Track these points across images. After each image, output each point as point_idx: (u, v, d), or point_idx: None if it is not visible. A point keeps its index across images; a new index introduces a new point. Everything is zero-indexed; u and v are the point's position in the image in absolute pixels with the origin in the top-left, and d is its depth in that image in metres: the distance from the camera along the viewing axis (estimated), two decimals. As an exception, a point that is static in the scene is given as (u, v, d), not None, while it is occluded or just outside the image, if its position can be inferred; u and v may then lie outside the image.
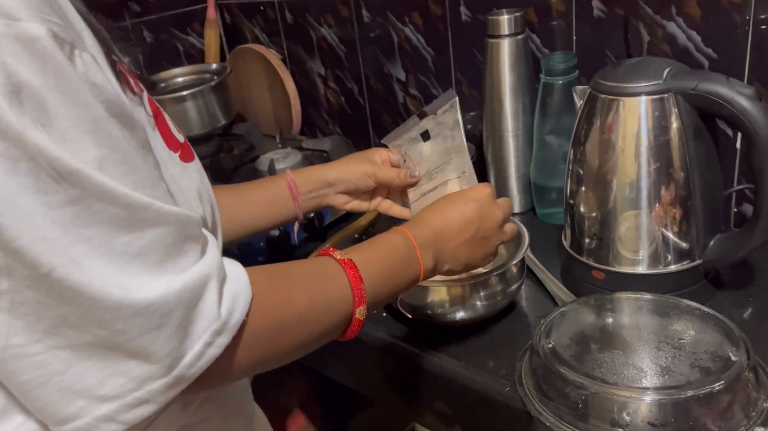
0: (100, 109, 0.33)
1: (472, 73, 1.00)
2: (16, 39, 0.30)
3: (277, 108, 1.32)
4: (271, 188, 0.70)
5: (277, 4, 1.23)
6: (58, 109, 0.31)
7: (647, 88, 0.62)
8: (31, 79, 0.30)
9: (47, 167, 0.31)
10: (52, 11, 0.33)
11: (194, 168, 0.46)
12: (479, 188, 0.61)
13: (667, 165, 0.63)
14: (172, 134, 0.46)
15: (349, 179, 0.69)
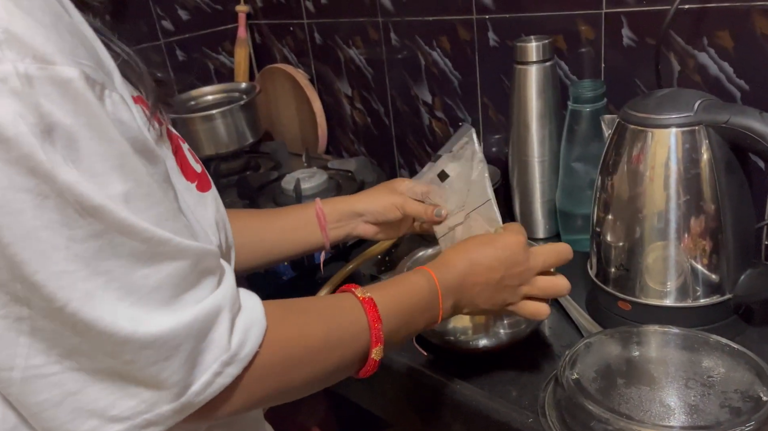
0: (125, 145, 0.35)
1: (499, 98, 1.00)
2: (51, 81, 0.31)
3: (303, 127, 1.34)
4: (299, 216, 0.71)
5: (307, 26, 1.25)
6: (87, 146, 0.33)
7: (678, 120, 0.61)
8: (63, 118, 0.32)
9: (74, 203, 0.32)
10: (85, 54, 0.34)
11: (210, 197, 0.47)
12: (511, 235, 0.60)
13: (698, 198, 0.63)
14: (190, 164, 0.47)
15: (378, 211, 0.70)
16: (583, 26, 0.85)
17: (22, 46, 0.31)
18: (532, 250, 0.60)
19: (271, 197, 1.08)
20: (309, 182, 1.05)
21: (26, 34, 0.31)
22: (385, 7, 1.08)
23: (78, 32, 0.36)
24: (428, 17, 1.03)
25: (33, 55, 0.31)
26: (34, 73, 0.31)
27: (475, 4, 0.95)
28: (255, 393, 0.41)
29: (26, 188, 0.31)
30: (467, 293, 0.57)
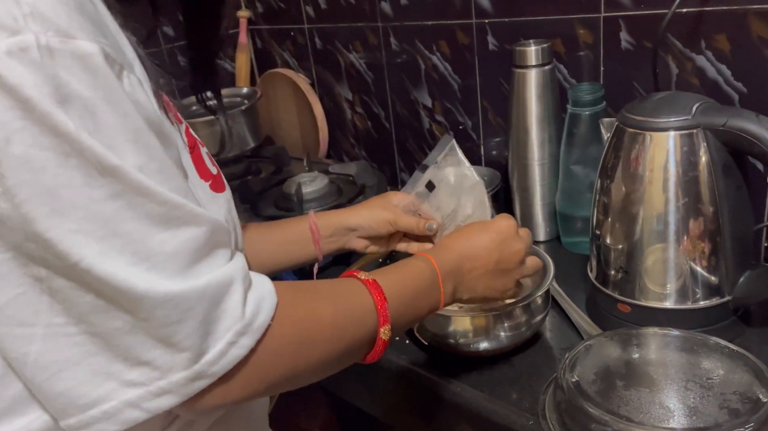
0: (140, 121, 0.36)
1: (498, 101, 1.00)
2: (71, 54, 0.33)
3: (304, 131, 1.35)
4: (293, 230, 0.72)
5: (307, 30, 1.26)
6: (104, 117, 0.34)
7: (676, 123, 0.62)
8: (81, 90, 0.33)
9: (95, 163, 0.33)
10: (105, 37, 0.35)
11: (224, 199, 0.48)
12: (503, 220, 0.61)
13: (696, 200, 0.63)
14: (205, 164, 0.47)
15: (370, 226, 0.71)
16: (582, 30, 0.86)
17: (45, 20, 0.32)
18: (520, 233, 0.62)
19: (272, 201, 1.08)
20: (310, 186, 1.06)
21: (51, 11, 0.32)
22: (384, 12, 1.09)
23: (101, 22, 0.37)
24: (427, 22, 1.04)
25: (56, 29, 0.32)
26: (56, 45, 0.32)
27: (474, 9, 0.96)
28: (269, 372, 0.41)
29: (50, 146, 0.32)
30: (466, 278, 0.58)
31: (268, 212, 1.04)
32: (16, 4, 0.32)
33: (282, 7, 1.28)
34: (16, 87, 0.31)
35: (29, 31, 0.31)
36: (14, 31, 0.31)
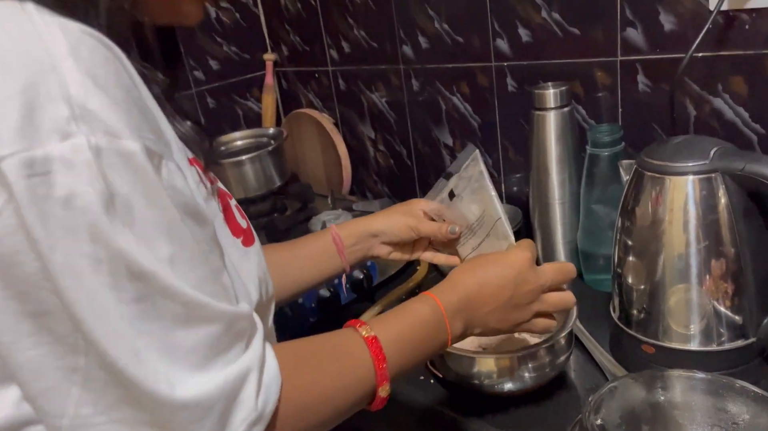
0: (175, 212, 0.38)
1: (518, 139, 1.03)
2: (117, 153, 0.35)
3: (328, 168, 1.38)
4: (317, 244, 0.73)
5: (331, 72, 1.30)
6: (141, 212, 0.36)
7: (694, 168, 0.63)
8: (123, 187, 0.35)
9: (124, 267, 0.35)
10: (148, 126, 0.38)
11: (254, 251, 0.50)
12: (518, 253, 0.60)
13: (717, 243, 0.64)
14: (237, 221, 0.50)
15: (393, 232, 0.72)
16: (600, 73, 0.88)
17: (95, 120, 0.34)
18: (540, 268, 0.60)
19: (298, 238, 1.11)
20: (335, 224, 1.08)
21: (99, 110, 0.34)
22: (406, 55, 1.13)
23: (143, 106, 0.39)
24: (448, 64, 1.07)
25: (104, 130, 0.34)
26: (104, 145, 0.34)
27: (493, 52, 0.99)
28: None
29: (86, 252, 0.34)
30: (477, 314, 0.58)
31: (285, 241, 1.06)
32: (68, 106, 0.33)
33: (307, 50, 1.33)
34: (66, 196, 0.33)
35: (80, 134, 0.33)
36: (66, 134, 0.33)
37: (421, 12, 1.07)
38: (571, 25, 0.88)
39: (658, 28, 0.79)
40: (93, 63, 0.35)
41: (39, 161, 0.33)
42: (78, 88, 0.34)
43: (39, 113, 0.33)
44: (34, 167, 0.33)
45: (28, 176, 0.33)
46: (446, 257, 0.74)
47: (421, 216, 0.72)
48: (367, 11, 1.16)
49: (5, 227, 0.33)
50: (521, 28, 0.94)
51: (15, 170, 0.32)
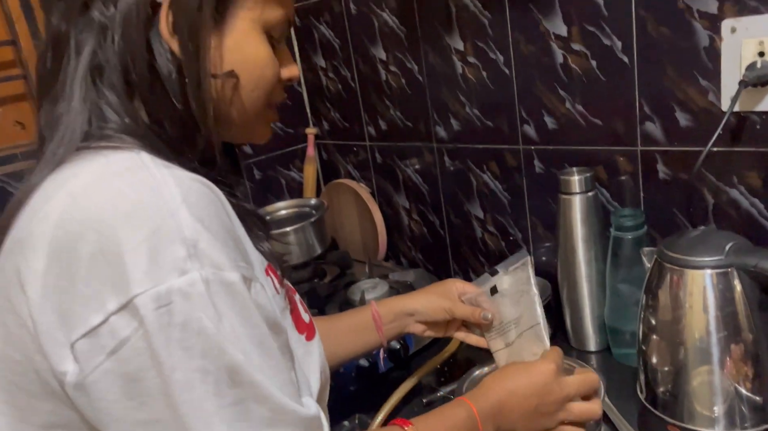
0: (264, 326, 0.46)
1: (546, 217, 1.09)
2: (221, 283, 0.43)
3: (365, 235, 1.46)
4: (357, 319, 0.81)
5: (369, 147, 1.40)
6: (239, 329, 0.43)
7: (710, 262, 0.68)
8: (226, 310, 0.43)
9: (227, 377, 0.42)
10: (240, 256, 0.46)
11: (315, 344, 0.58)
12: (545, 364, 0.67)
13: (735, 332, 0.68)
14: (301, 316, 0.57)
15: (428, 312, 0.79)
16: (622, 160, 0.94)
17: (204, 257, 0.42)
18: (565, 379, 0.66)
19: (338, 305, 1.18)
20: (372, 292, 1.15)
21: (207, 248, 0.42)
22: (439, 135, 1.21)
23: (235, 235, 0.47)
24: (478, 145, 1.15)
25: (210, 264, 0.42)
26: (211, 277, 0.42)
27: (521, 137, 1.07)
28: None
29: (198, 367, 0.41)
30: (506, 420, 0.64)
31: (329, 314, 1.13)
32: (185, 247, 0.41)
33: (346, 126, 1.43)
34: (185, 322, 0.40)
35: (194, 270, 0.41)
36: (183, 271, 0.41)
37: (453, 98, 1.15)
38: (593, 116, 0.96)
39: (674, 124, 0.86)
40: (200, 207, 0.44)
41: (163, 295, 0.40)
42: (191, 231, 0.42)
43: (161, 255, 0.41)
44: (159, 300, 0.40)
45: (155, 308, 0.40)
46: (477, 338, 0.80)
47: (456, 298, 0.79)
48: (402, 94, 1.26)
49: (134, 350, 0.41)
50: (547, 116, 1.02)
51: (145, 304, 0.40)
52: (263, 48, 0.54)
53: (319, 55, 1.43)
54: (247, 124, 0.56)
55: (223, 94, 0.52)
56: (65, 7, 0.49)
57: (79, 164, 0.46)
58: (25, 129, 1.22)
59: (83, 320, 0.41)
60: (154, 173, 0.44)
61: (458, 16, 1.09)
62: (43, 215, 0.44)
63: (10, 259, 0.45)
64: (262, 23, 0.53)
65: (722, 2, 0.78)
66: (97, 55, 0.49)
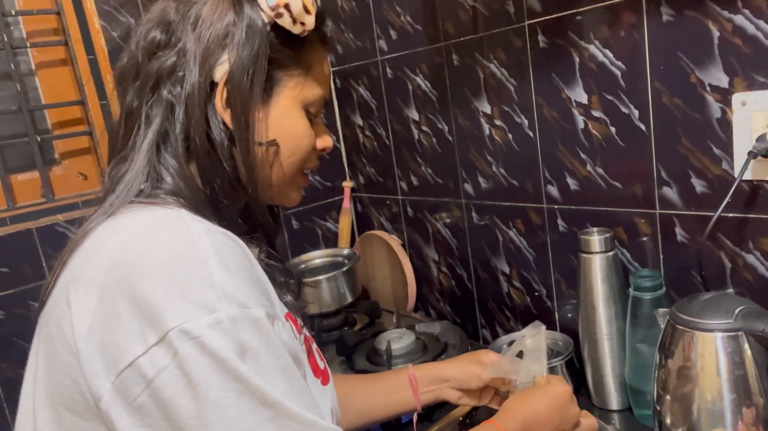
0: (288, 357, 0.52)
1: (569, 274, 1.12)
2: (247, 319, 0.49)
3: (395, 285, 1.51)
4: (394, 381, 0.85)
5: (401, 201, 1.46)
6: (265, 360, 0.50)
7: (720, 326, 0.71)
8: (252, 343, 0.49)
9: (259, 398, 0.48)
10: (263, 296, 0.52)
11: (329, 389, 0.63)
12: (560, 386, 0.73)
13: (746, 396, 0.70)
14: (317, 362, 0.63)
15: (462, 378, 0.84)
16: (641, 222, 0.97)
17: (231, 298, 0.49)
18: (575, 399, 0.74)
19: (365, 354, 1.22)
20: (398, 342, 1.19)
21: (234, 291, 0.49)
22: (467, 191, 1.27)
23: (258, 280, 0.54)
24: (504, 202, 1.20)
25: (238, 304, 0.49)
26: (238, 315, 0.48)
27: (545, 196, 1.11)
28: None
29: (231, 388, 0.47)
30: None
31: (361, 366, 1.17)
32: (213, 289, 0.48)
33: (380, 181, 1.51)
34: (215, 352, 0.47)
35: (222, 309, 0.48)
36: (212, 310, 0.48)
37: (481, 157, 1.22)
38: (613, 179, 1.00)
39: (690, 190, 0.89)
40: (228, 257, 0.51)
41: (195, 329, 0.47)
42: (220, 277, 0.49)
43: (194, 296, 0.48)
44: (191, 333, 0.47)
45: (188, 340, 0.47)
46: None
47: (489, 367, 0.83)
48: (433, 152, 1.33)
49: (170, 377, 0.47)
50: (569, 178, 1.06)
51: (178, 336, 0.47)
52: (302, 122, 0.63)
53: (357, 114, 1.53)
54: (282, 187, 0.65)
55: (265, 160, 0.61)
56: (139, 86, 0.59)
57: (129, 216, 0.55)
58: (87, 180, 1.34)
59: (128, 352, 0.47)
60: (190, 227, 0.52)
61: (486, 82, 1.16)
62: (97, 259, 0.52)
63: (64, 291, 0.53)
64: (301, 101, 0.62)
65: (732, 77, 0.82)
66: (163, 126, 0.58)
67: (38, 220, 1.22)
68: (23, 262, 1.19)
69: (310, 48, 0.63)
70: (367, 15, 1.40)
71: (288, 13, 0.58)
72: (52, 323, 0.53)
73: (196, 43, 0.58)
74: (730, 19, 0.81)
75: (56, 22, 1.28)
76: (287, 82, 0.61)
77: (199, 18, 0.58)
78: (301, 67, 0.62)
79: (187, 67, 0.57)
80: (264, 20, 0.58)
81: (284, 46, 0.60)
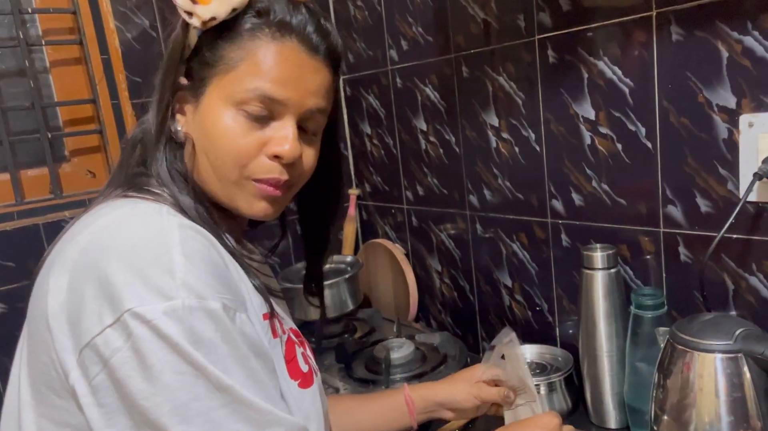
0: (246, 349, 0.52)
1: (571, 290, 1.11)
2: (202, 310, 0.50)
3: (397, 295, 1.51)
4: (390, 402, 0.85)
5: (406, 210, 1.47)
6: (221, 350, 0.50)
7: (719, 347, 0.70)
8: (207, 333, 0.50)
9: (214, 382, 0.49)
10: (226, 290, 0.53)
11: (310, 392, 0.63)
12: (549, 417, 0.72)
13: (743, 419, 0.69)
14: (299, 365, 0.63)
15: (457, 401, 0.84)
16: (645, 240, 0.97)
17: (189, 288, 0.50)
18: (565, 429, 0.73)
19: (364, 362, 1.22)
20: (398, 352, 1.19)
21: (193, 281, 0.50)
22: (472, 203, 1.27)
23: (224, 275, 0.55)
24: (508, 215, 1.20)
25: (195, 294, 0.50)
26: (194, 305, 0.49)
27: (549, 210, 1.11)
28: None
29: (185, 371, 0.48)
30: None
31: (359, 374, 1.17)
32: (172, 278, 0.49)
33: (386, 190, 1.51)
34: (169, 336, 0.48)
35: (179, 298, 0.49)
36: (169, 297, 0.49)
37: (487, 169, 1.22)
38: (618, 196, 1.00)
39: (695, 209, 0.89)
40: (192, 249, 0.52)
41: (149, 313, 0.48)
42: (180, 266, 0.50)
43: (153, 281, 0.49)
44: (145, 316, 0.48)
45: (141, 323, 0.48)
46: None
47: (483, 384, 0.84)
48: (440, 163, 1.33)
49: (123, 358, 0.48)
50: (574, 193, 1.06)
51: (133, 319, 0.48)
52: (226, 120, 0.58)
53: (365, 123, 1.54)
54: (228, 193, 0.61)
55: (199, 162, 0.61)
56: None
57: (115, 204, 0.58)
58: (95, 178, 1.35)
59: (87, 331, 0.49)
60: (163, 218, 0.54)
61: (494, 95, 1.17)
62: (76, 242, 0.54)
63: (45, 274, 0.55)
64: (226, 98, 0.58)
65: (740, 98, 0.82)
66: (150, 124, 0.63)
67: (45, 216, 1.23)
68: (29, 257, 1.20)
69: (242, 41, 0.58)
70: (379, 25, 1.41)
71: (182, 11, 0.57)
72: (35, 304, 0.55)
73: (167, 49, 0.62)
74: (739, 40, 0.81)
75: (72, 21, 1.29)
76: (213, 80, 0.59)
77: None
78: (226, 63, 0.58)
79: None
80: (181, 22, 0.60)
81: (208, 45, 0.58)
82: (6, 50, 1.24)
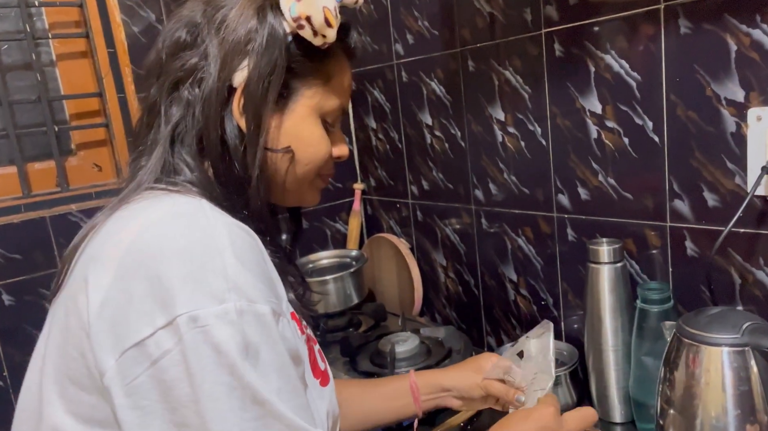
0: (286, 356, 0.52)
1: (577, 284, 1.11)
2: (253, 314, 0.50)
3: (402, 289, 1.51)
4: (396, 387, 0.85)
5: (411, 205, 1.47)
6: (264, 355, 0.50)
7: (726, 340, 0.70)
8: (255, 338, 0.49)
9: (250, 395, 0.48)
10: (271, 292, 0.53)
11: (328, 390, 0.63)
12: (544, 408, 0.71)
13: (750, 412, 0.69)
14: (318, 364, 0.63)
15: (463, 388, 0.83)
16: (651, 234, 0.97)
17: (241, 291, 0.49)
18: (564, 416, 0.71)
19: (368, 356, 1.22)
20: (402, 346, 1.19)
21: (244, 284, 0.50)
22: (477, 197, 1.27)
23: (269, 276, 0.55)
24: (514, 210, 1.20)
25: (246, 297, 0.50)
26: (245, 308, 0.49)
27: (555, 205, 1.11)
28: None
29: (225, 382, 0.48)
30: None
31: (364, 368, 1.17)
32: (225, 280, 0.49)
33: (391, 184, 1.51)
34: (218, 343, 0.48)
35: (231, 301, 0.49)
36: (222, 300, 0.48)
37: (492, 164, 1.22)
38: (624, 190, 0.99)
39: (702, 203, 0.89)
40: (243, 251, 0.51)
41: (201, 317, 0.48)
42: (232, 269, 0.50)
43: (205, 285, 0.49)
44: (197, 321, 0.48)
45: (193, 328, 0.48)
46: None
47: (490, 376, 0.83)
48: (445, 157, 1.33)
49: (171, 361, 0.48)
50: (580, 187, 1.06)
51: (185, 323, 0.48)
52: (317, 130, 0.64)
53: (371, 117, 1.53)
54: (298, 191, 0.67)
55: (280, 166, 0.62)
56: (161, 83, 0.60)
57: (152, 201, 0.56)
58: (101, 171, 1.36)
59: (135, 331, 0.48)
60: (209, 217, 0.52)
61: (500, 89, 1.17)
62: (117, 239, 0.53)
63: (82, 270, 0.54)
64: (317, 110, 0.64)
65: (748, 92, 0.82)
66: (180, 125, 0.60)
67: (52, 209, 1.23)
68: (35, 249, 1.20)
69: (332, 59, 0.64)
70: (385, 19, 1.41)
71: (309, 26, 0.59)
72: (69, 299, 0.54)
73: (218, 47, 0.59)
74: (748, 33, 0.80)
75: (78, 14, 1.30)
76: (305, 91, 0.63)
77: (224, 23, 0.59)
78: (320, 78, 0.63)
79: (207, 69, 0.59)
80: (286, 30, 0.60)
81: (304, 57, 0.62)
82: (12, 44, 1.25)
